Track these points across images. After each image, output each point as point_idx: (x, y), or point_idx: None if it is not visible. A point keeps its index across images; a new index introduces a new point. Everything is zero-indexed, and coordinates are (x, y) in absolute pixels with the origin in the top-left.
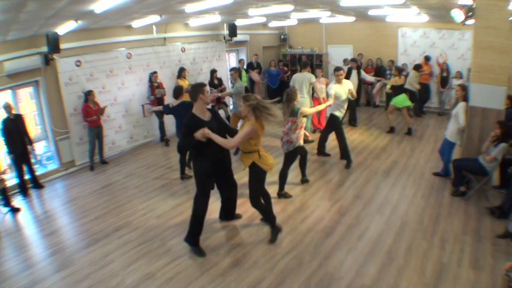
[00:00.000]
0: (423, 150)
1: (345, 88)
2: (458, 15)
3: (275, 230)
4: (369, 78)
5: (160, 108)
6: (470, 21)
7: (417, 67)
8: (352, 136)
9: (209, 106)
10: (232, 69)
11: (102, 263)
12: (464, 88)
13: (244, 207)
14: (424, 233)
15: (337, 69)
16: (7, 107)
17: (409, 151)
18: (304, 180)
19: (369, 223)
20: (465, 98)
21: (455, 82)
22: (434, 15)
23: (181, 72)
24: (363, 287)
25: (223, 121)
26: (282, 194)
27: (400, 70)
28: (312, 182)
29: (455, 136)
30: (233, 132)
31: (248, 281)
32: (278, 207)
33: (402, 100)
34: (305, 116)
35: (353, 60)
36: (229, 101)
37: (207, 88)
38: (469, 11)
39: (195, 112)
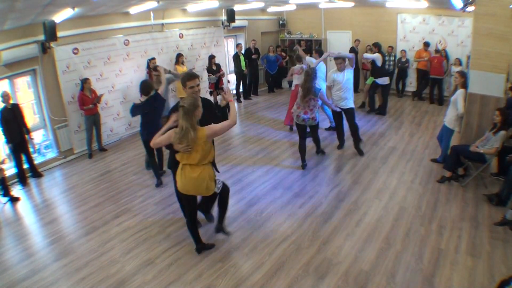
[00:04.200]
0: (421, 136)
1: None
2: (457, 1)
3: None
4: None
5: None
6: (470, 8)
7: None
8: None
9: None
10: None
11: (102, 250)
12: (463, 75)
13: (243, 192)
14: (422, 219)
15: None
16: (5, 96)
17: (407, 137)
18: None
19: (367, 208)
20: (464, 85)
21: (454, 69)
22: (433, 1)
23: (178, 58)
24: (361, 272)
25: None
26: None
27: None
28: (310, 167)
29: (453, 123)
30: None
31: (247, 266)
32: (277, 192)
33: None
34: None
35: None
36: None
37: (195, 81)
38: None
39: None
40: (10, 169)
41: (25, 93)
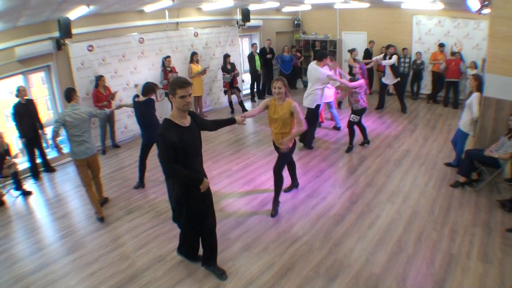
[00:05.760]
0: (436, 139)
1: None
2: (473, 4)
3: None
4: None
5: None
6: (486, 10)
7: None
8: (365, 123)
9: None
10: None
11: (113, 246)
12: (477, 78)
13: (256, 192)
14: (435, 223)
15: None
16: (22, 91)
17: (421, 140)
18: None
19: (380, 211)
20: (479, 89)
21: (470, 72)
22: (449, 3)
23: (193, 57)
24: (372, 275)
25: (205, 120)
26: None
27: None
28: (323, 168)
29: (468, 127)
30: (217, 124)
31: (257, 266)
32: (289, 193)
33: None
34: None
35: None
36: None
37: (187, 90)
38: (485, 0)
39: (171, 118)
40: (23, 163)
41: (39, 89)
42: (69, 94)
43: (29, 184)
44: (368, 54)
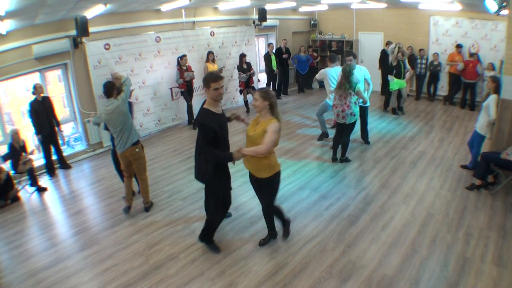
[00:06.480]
0: (451, 141)
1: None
2: (491, 5)
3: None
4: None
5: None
6: (504, 12)
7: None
8: (381, 124)
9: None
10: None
11: (127, 243)
12: (494, 80)
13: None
14: (449, 226)
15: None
16: (38, 89)
17: (437, 142)
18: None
19: (394, 213)
20: (497, 91)
21: (487, 73)
22: (467, 4)
23: (209, 56)
24: (385, 277)
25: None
26: (345, 159)
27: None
28: (338, 169)
29: (485, 129)
30: None
31: (270, 266)
32: (303, 193)
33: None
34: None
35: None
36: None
37: (220, 83)
38: (503, 1)
39: (208, 107)
40: (38, 160)
41: (55, 87)
42: (110, 89)
43: (44, 181)
44: (384, 55)
